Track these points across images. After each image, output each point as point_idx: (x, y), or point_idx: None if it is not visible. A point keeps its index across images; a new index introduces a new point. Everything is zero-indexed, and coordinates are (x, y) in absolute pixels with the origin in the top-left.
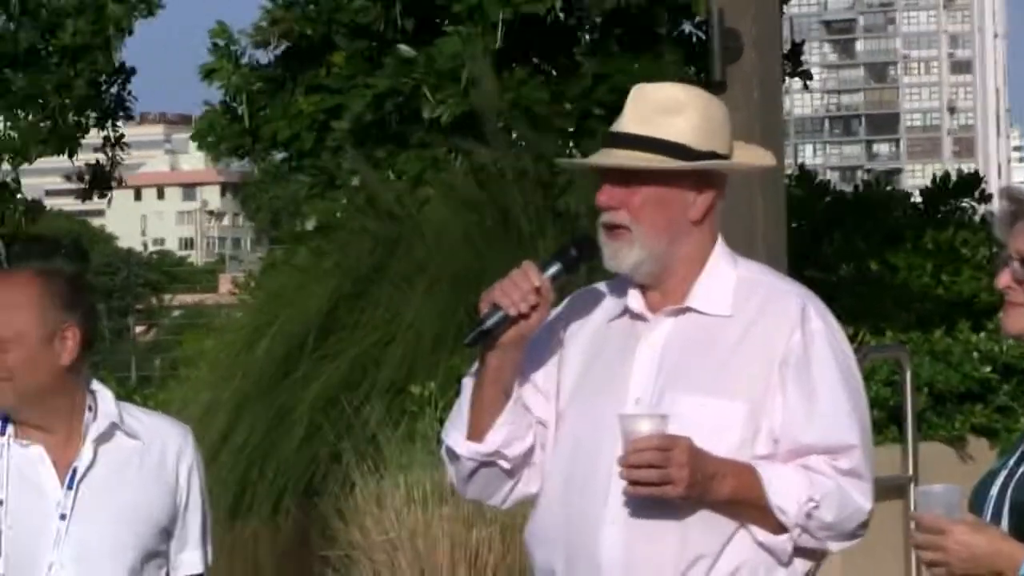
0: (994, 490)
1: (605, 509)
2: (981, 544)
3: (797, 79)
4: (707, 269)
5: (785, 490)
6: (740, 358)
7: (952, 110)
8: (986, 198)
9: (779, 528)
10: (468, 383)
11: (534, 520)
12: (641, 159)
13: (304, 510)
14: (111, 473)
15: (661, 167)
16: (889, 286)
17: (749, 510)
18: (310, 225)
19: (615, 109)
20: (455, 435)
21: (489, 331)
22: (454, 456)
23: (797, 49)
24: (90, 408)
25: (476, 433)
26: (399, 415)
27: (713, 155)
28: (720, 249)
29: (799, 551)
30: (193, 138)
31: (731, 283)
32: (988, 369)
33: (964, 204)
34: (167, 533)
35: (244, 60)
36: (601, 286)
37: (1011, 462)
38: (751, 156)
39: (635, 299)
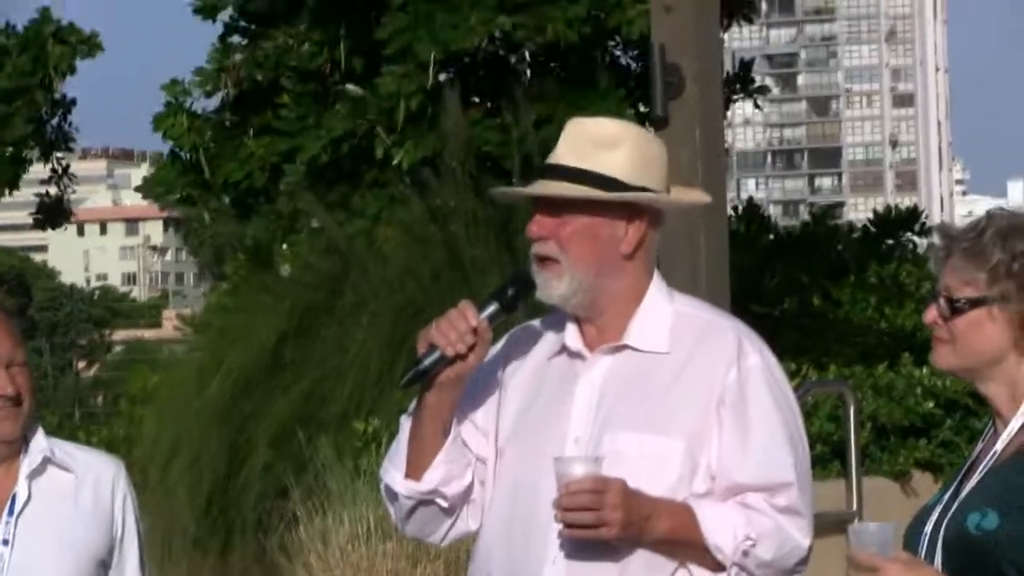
0: (928, 526)
1: (545, 550)
2: None
3: (741, 109)
4: (643, 306)
5: (721, 529)
6: (678, 395)
7: (894, 144)
8: (926, 231)
9: (718, 566)
10: (406, 422)
11: (476, 560)
12: (571, 190)
13: (250, 547)
14: (48, 507)
15: (589, 196)
16: (832, 320)
17: (687, 549)
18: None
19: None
20: (393, 473)
21: (426, 371)
22: (393, 494)
23: (747, 67)
24: (24, 440)
25: (414, 471)
26: (347, 450)
27: (645, 191)
28: (656, 285)
29: None
30: (146, 194)
31: (668, 319)
32: (931, 404)
33: (905, 239)
34: (105, 565)
35: (195, 108)
36: (539, 323)
37: (945, 497)
38: (686, 196)
39: (572, 336)
